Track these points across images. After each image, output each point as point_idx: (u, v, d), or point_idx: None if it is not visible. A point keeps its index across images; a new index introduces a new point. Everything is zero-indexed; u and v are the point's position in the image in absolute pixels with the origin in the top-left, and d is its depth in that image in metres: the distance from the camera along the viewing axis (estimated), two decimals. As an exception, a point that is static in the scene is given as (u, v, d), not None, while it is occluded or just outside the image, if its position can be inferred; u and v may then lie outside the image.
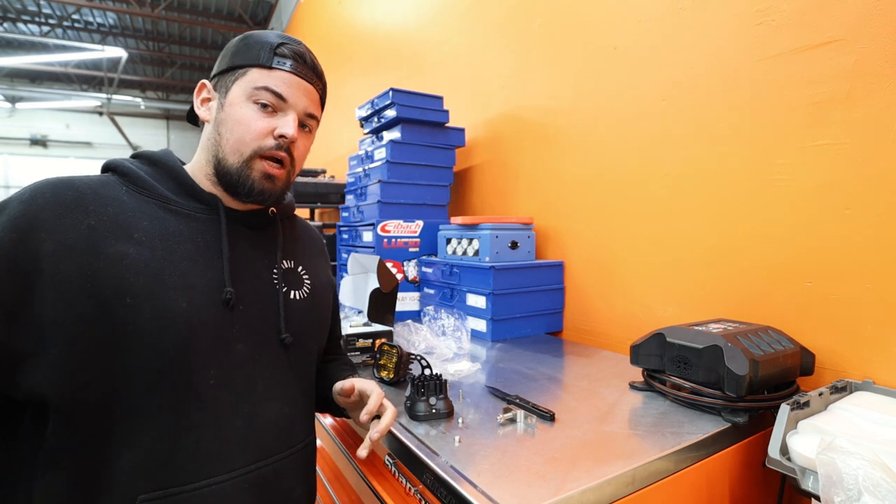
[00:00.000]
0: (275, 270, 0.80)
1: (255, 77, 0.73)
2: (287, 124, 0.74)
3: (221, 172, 0.74)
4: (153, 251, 0.66)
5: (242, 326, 0.72)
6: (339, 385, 0.84)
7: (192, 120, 0.84)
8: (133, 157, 0.77)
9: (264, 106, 0.73)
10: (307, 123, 0.80)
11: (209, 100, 0.78)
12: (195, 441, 0.66)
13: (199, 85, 0.79)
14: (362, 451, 0.76)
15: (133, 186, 0.71)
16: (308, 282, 0.87)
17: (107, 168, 0.74)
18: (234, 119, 0.73)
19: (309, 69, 0.78)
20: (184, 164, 0.79)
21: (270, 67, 0.74)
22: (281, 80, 0.74)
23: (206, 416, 0.67)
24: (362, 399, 0.83)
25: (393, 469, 0.88)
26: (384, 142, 2.02)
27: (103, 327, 0.61)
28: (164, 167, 0.75)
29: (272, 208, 0.84)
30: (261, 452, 0.73)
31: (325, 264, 0.97)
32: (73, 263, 0.60)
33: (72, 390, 0.60)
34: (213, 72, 0.79)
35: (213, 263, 0.72)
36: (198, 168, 0.78)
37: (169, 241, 0.68)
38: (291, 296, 0.82)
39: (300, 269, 0.87)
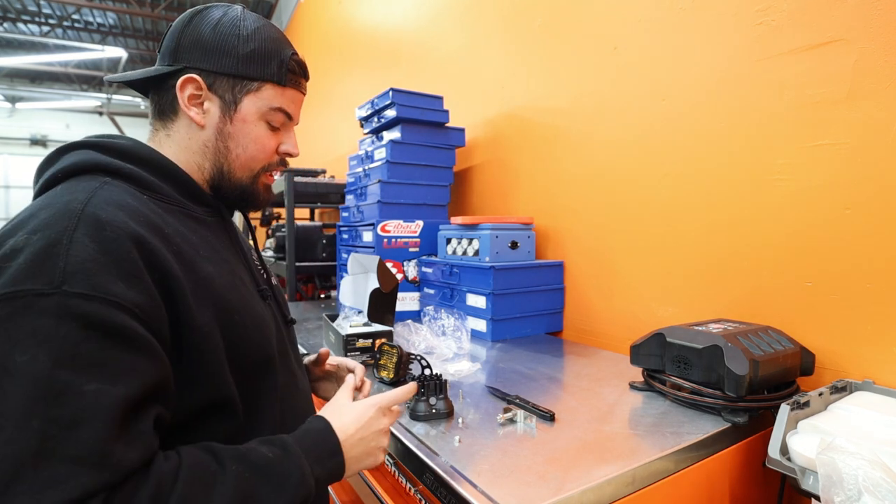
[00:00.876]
0: (257, 262, 0.84)
1: (269, 96, 0.71)
2: (292, 143, 0.76)
3: (227, 185, 0.72)
4: (217, 264, 0.66)
5: (274, 317, 0.77)
6: (312, 356, 0.96)
7: (140, 89, 0.74)
8: (96, 149, 0.63)
9: (274, 126, 0.73)
10: None
11: (200, 97, 0.69)
12: (300, 417, 0.70)
13: (184, 78, 0.67)
14: None
15: (150, 193, 0.64)
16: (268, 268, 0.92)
17: (85, 168, 0.60)
18: (249, 138, 0.71)
19: (306, 82, 0.77)
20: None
21: (284, 86, 0.72)
22: (292, 100, 0.74)
23: (286, 400, 0.73)
24: (338, 370, 0.95)
25: (393, 469, 0.88)
26: (384, 142, 2.02)
27: (226, 348, 0.61)
28: (159, 167, 0.67)
29: None
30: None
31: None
32: (190, 296, 0.57)
33: (218, 408, 0.61)
34: (204, 66, 0.68)
35: (243, 265, 0.75)
36: (190, 170, 0.71)
37: (218, 251, 0.68)
38: (273, 282, 0.87)
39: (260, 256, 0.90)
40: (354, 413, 0.70)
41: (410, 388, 0.79)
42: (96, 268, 0.49)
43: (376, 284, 1.41)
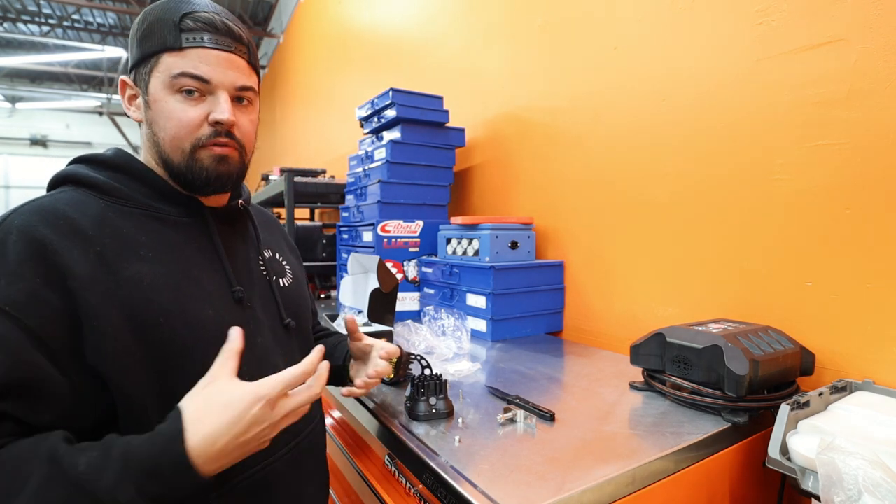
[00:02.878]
0: (261, 261, 0.82)
1: (168, 64, 0.66)
2: (220, 108, 0.68)
3: (173, 172, 0.70)
4: (164, 265, 0.65)
5: (255, 321, 0.75)
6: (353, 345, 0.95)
7: None
8: (82, 163, 0.70)
9: (189, 92, 0.67)
10: (243, 97, 0.72)
11: (135, 96, 0.71)
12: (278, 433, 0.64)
13: (119, 82, 0.72)
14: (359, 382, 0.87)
15: (109, 198, 0.66)
16: (288, 267, 0.90)
17: (62, 180, 0.68)
18: (164, 115, 0.67)
19: (225, 35, 0.69)
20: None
21: (181, 48, 0.66)
22: (198, 59, 0.66)
23: None
24: (371, 352, 0.93)
25: (393, 469, 0.88)
26: (384, 142, 2.02)
27: (143, 352, 0.60)
28: (130, 172, 0.69)
29: (240, 201, 0.82)
30: (294, 432, 0.78)
31: (290, 245, 1.00)
32: (97, 296, 0.58)
33: (126, 411, 0.61)
34: (129, 64, 0.71)
35: (214, 265, 0.72)
36: (156, 168, 0.72)
37: (172, 251, 0.68)
38: (280, 283, 0.84)
39: (277, 255, 0.89)
40: (231, 412, 0.55)
41: (306, 364, 0.62)
42: None
43: (376, 284, 1.41)
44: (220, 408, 0.55)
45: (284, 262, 0.90)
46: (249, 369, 0.68)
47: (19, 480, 0.49)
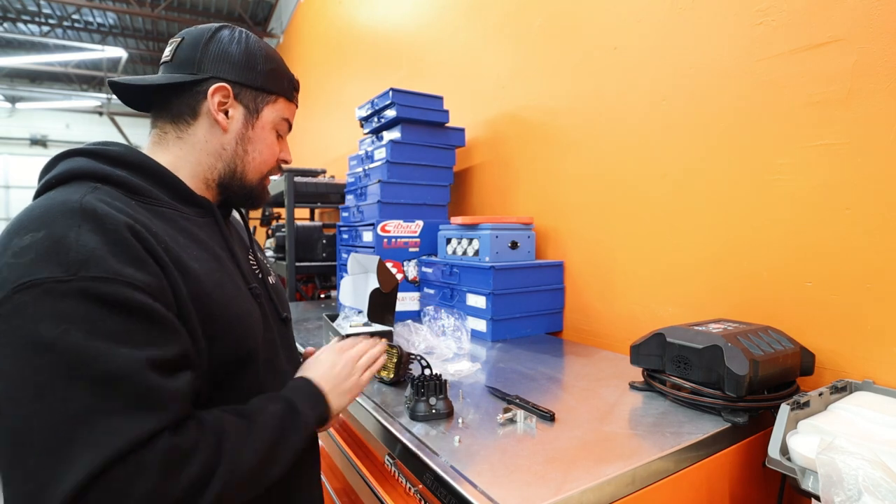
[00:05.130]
0: (252, 259, 0.85)
1: (282, 108, 0.81)
2: (287, 151, 0.85)
3: (237, 185, 0.78)
4: (205, 263, 0.68)
5: (265, 316, 0.78)
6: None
7: (139, 95, 0.76)
8: (87, 156, 0.66)
9: (279, 135, 0.82)
10: None
11: (226, 106, 0.75)
12: None
13: (217, 85, 0.73)
14: None
15: (139, 198, 0.66)
16: (269, 266, 0.93)
17: (76, 175, 0.63)
18: (265, 143, 0.79)
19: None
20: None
21: (291, 101, 0.83)
22: (291, 114, 0.84)
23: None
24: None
25: (393, 469, 0.88)
26: (384, 142, 2.02)
27: (207, 338, 0.63)
28: (147, 171, 0.70)
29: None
30: None
31: (261, 249, 1.04)
32: (178, 287, 0.60)
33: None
34: (232, 77, 0.74)
35: (233, 264, 0.76)
36: (191, 170, 0.74)
37: (204, 250, 0.70)
38: (270, 281, 0.87)
39: (259, 254, 0.92)
40: (327, 365, 0.80)
41: (375, 342, 0.89)
42: (106, 254, 0.54)
43: (376, 284, 1.41)
44: (321, 362, 0.81)
45: (265, 262, 0.93)
46: (264, 361, 0.75)
47: (243, 431, 0.61)
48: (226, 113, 0.75)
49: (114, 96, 0.88)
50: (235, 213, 0.95)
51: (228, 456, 0.57)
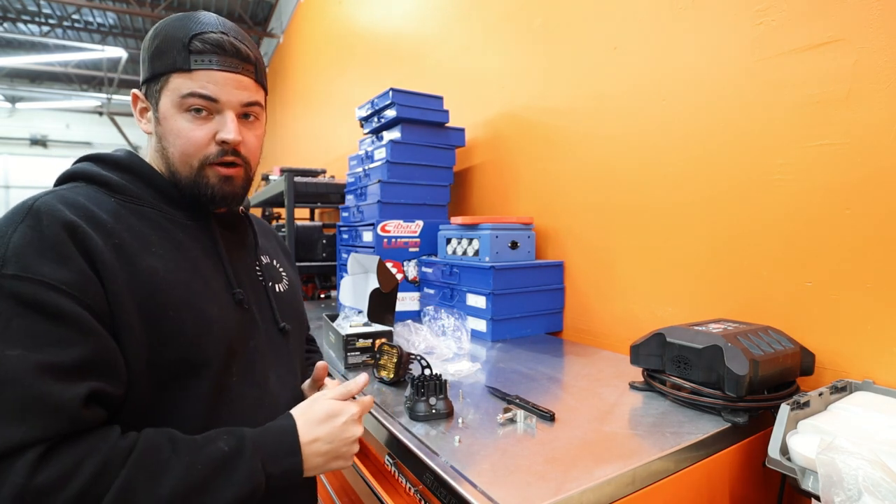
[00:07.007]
0: (257, 267, 0.84)
1: (177, 84, 0.68)
2: (226, 128, 0.70)
3: (181, 183, 0.72)
4: (175, 262, 0.67)
5: (251, 323, 0.76)
6: (307, 382, 0.89)
7: None
8: (91, 161, 0.72)
9: (197, 111, 0.69)
10: (250, 112, 0.74)
11: (147, 109, 0.74)
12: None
13: (132, 96, 0.75)
14: None
15: (122, 197, 0.68)
16: (284, 274, 0.92)
17: (73, 177, 0.69)
18: (173, 132, 0.70)
19: (233, 57, 0.70)
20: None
21: (189, 70, 0.68)
22: (206, 80, 0.68)
23: (235, 412, 0.70)
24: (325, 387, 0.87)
25: (393, 469, 0.88)
26: (384, 142, 2.02)
27: (149, 342, 0.61)
28: (140, 174, 0.72)
29: (241, 208, 0.85)
30: None
31: (287, 253, 1.02)
32: (118, 284, 0.59)
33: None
34: (141, 78, 0.73)
35: (217, 267, 0.74)
36: (163, 175, 0.75)
37: (181, 250, 0.70)
38: (277, 289, 0.86)
39: (275, 262, 0.91)
40: (325, 414, 0.70)
41: (365, 398, 0.77)
42: (30, 252, 0.55)
43: (376, 284, 1.41)
44: (321, 409, 0.70)
45: (281, 269, 0.92)
46: (238, 370, 0.71)
47: (160, 464, 0.55)
48: (146, 116, 0.74)
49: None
50: (263, 221, 0.97)
51: (122, 488, 0.51)
